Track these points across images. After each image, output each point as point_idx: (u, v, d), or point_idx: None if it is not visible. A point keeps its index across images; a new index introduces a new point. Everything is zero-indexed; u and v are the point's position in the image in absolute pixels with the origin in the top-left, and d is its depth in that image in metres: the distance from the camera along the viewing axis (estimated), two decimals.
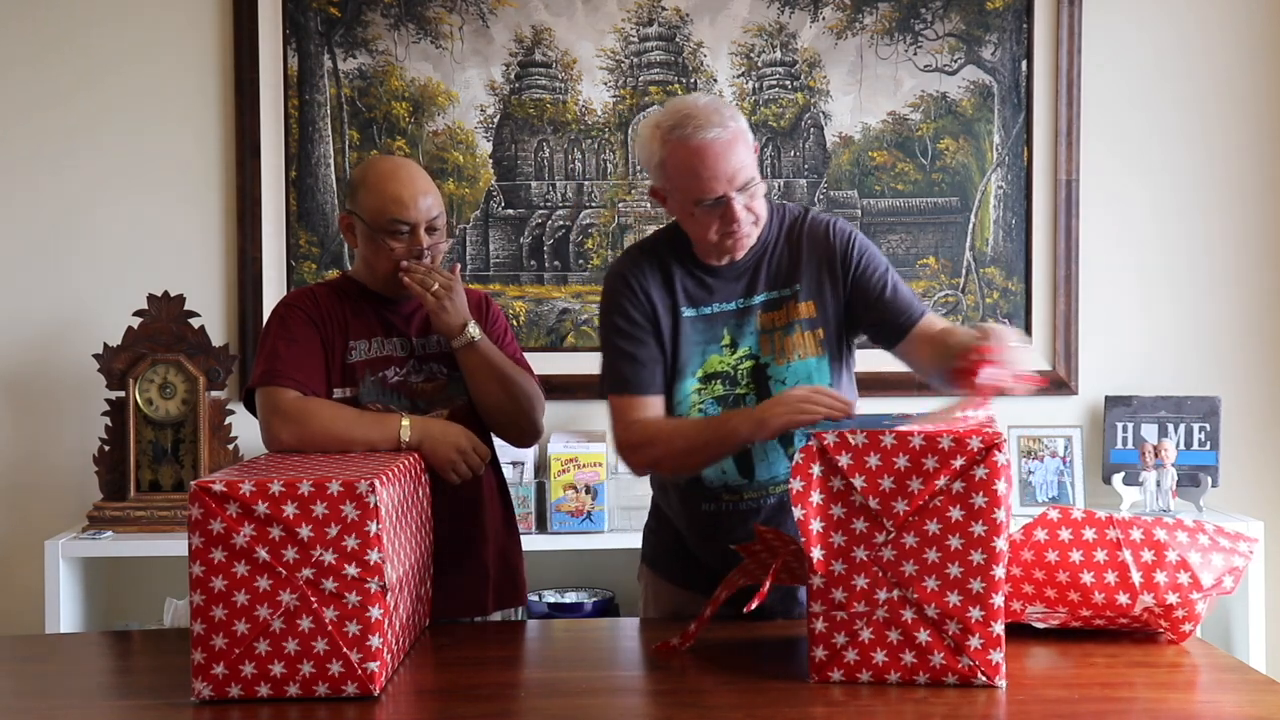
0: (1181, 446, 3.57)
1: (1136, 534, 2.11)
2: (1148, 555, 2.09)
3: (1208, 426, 3.59)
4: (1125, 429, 3.61)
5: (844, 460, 1.91)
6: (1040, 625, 2.13)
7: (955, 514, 1.87)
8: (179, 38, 3.55)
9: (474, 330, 2.45)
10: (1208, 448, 3.59)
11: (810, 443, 1.93)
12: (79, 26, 3.55)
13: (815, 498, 1.92)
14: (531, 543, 3.13)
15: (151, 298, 3.40)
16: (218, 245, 3.59)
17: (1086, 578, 2.09)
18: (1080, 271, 3.65)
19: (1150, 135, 3.68)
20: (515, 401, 2.50)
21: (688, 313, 2.37)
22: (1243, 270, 3.69)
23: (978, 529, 1.87)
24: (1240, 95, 3.68)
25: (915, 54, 3.63)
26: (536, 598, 3.40)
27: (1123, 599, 2.09)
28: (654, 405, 2.35)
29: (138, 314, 3.39)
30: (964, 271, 3.65)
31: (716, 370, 2.35)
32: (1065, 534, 2.12)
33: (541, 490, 3.41)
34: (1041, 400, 3.65)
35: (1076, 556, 2.10)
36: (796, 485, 1.91)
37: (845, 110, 3.62)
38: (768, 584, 2.02)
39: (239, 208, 3.56)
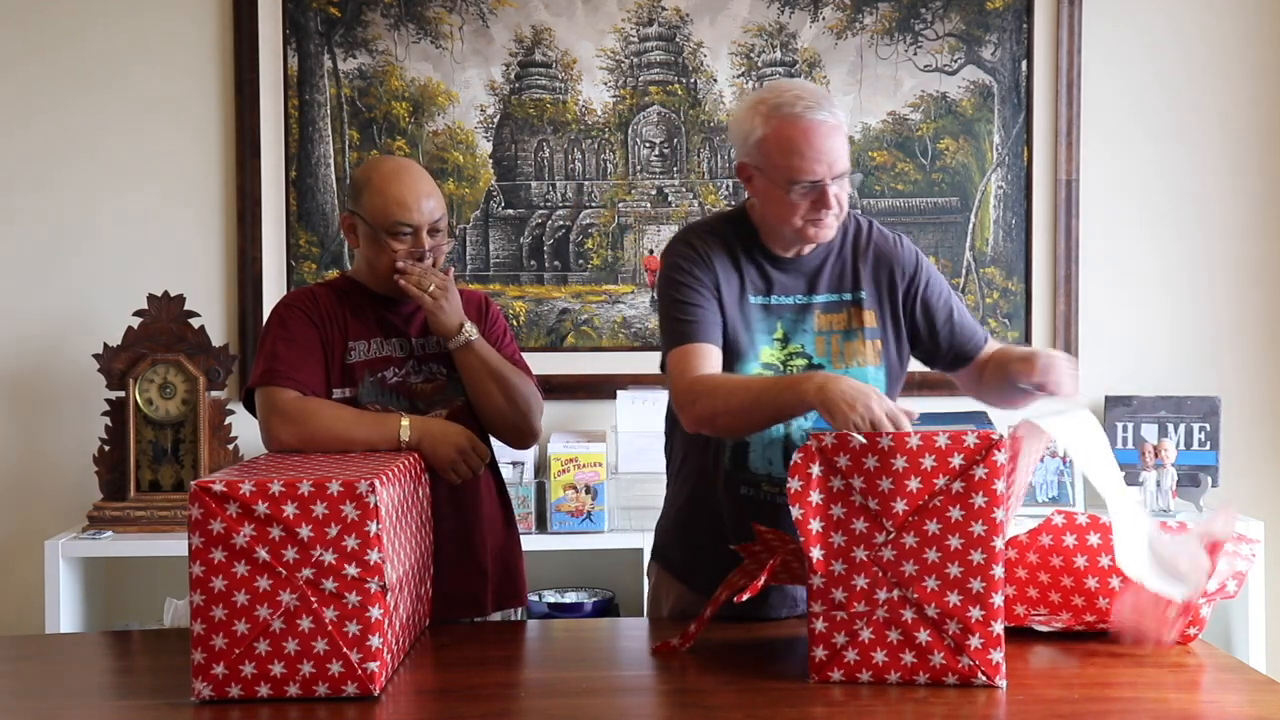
0: (1181, 446, 3.57)
1: None
2: None
3: (1208, 426, 3.59)
4: (1125, 429, 3.61)
5: (842, 461, 1.91)
6: (1043, 629, 2.13)
7: (955, 514, 1.87)
8: (179, 38, 3.55)
9: (470, 330, 2.45)
10: (1208, 448, 3.59)
11: (809, 443, 1.93)
12: (79, 27, 3.55)
13: (814, 497, 1.92)
14: (531, 543, 3.13)
15: (151, 298, 3.40)
16: (218, 245, 3.59)
17: (1091, 583, 2.09)
18: (1080, 271, 3.65)
19: (1150, 135, 3.68)
20: (512, 403, 2.49)
21: (753, 299, 2.34)
22: (1242, 270, 3.69)
23: (977, 528, 1.87)
24: (1240, 95, 3.68)
25: (915, 54, 3.63)
26: (536, 598, 3.40)
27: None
28: (714, 356, 2.28)
29: (138, 314, 3.39)
30: (964, 271, 3.65)
31: (767, 363, 2.32)
32: (1070, 539, 2.12)
33: (541, 490, 3.41)
34: (1041, 400, 3.64)
35: (1081, 562, 2.10)
36: (794, 485, 1.91)
37: (845, 110, 3.60)
38: (763, 578, 2.02)
39: (239, 208, 3.56)
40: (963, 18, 3.62)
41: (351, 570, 1.88)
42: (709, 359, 2.26)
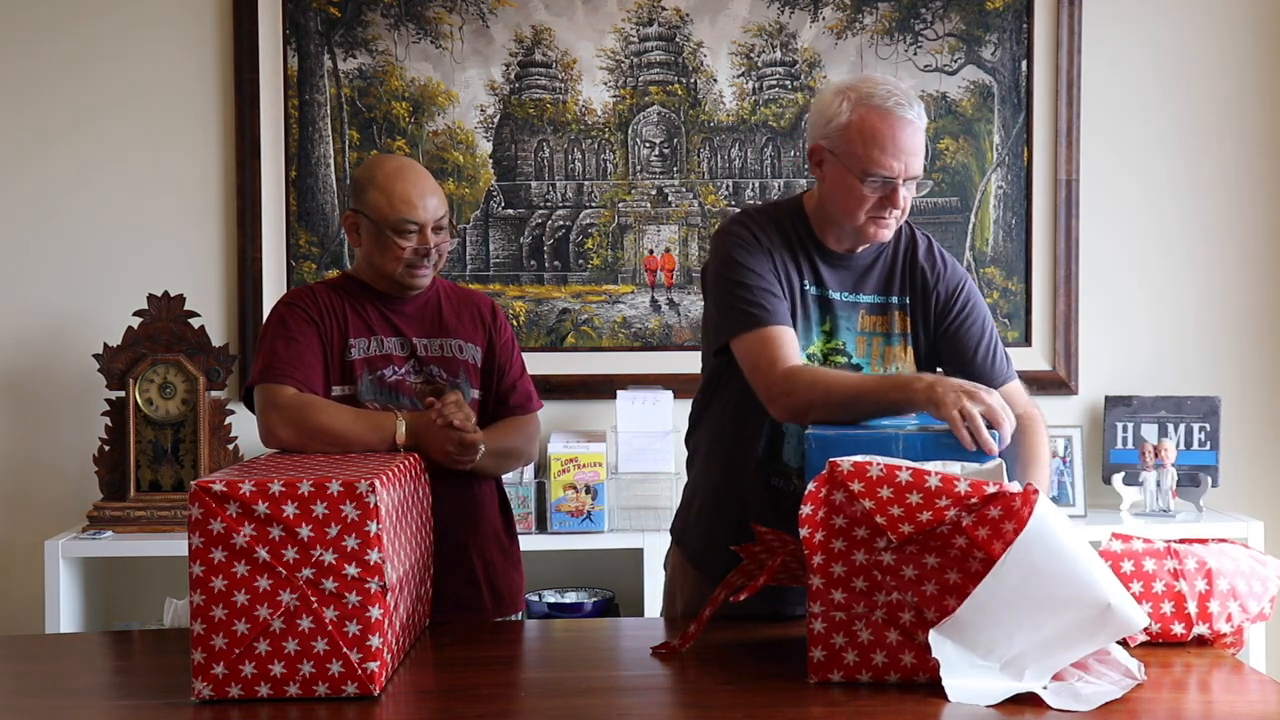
0: (1181, 446, 3.57)
1: (1191, 564, 2.09)
2: (1201, 585, 2.08)
3: (1208, 426, 3.59)
4: (1125, 429, 3.61)
5: (857, 485, 1.90)
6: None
7: (960, 541, 1.86)
8: (179, 38, 3.55)
9: (482, 448, 2.42)
10: (1208, 448, 3.59)
11: (823, 471, 1.91)
12: (78, 27, 3.55)
13: (820, 513, 1.91)
14: (531, 543, 3.14)
15: (151, 298, 3.40)
16: (218, 245, 3.59)
17: (1144, 609, 2.04)
18: (1080, 271, 3.65)
19: (1150, 135, 3.68)
20: (516, 462, 2.64)
21: (809, 288, 2.32)
22: (1243, 270, 3.69)
23: (978, 554, 1.86)
24: (1240, 95, 3.68)
25: (915, 54, 3.63)
26: (536, 598, 3.40)
27: (1178, 629, 2.09)
28: (793, 340, 2.25)
29: (138, 314, 3.39)
30: None
31: (811, 353, 2.32)
32: (1128, 565, 2.08)
33: (541, 490, 3.41)
34: (1042, 400, 3.64)
35: (1136, 588, 2.07)
36: (805, 510, 1.90)
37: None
38: (762, 579, 2.02)
39: (239, 208, 3.56)
40: (963, 18, 3.62)
41: (351, 570, 1.88)
42: (790, 345, 2.23)
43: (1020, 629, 1.85)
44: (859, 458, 1.92)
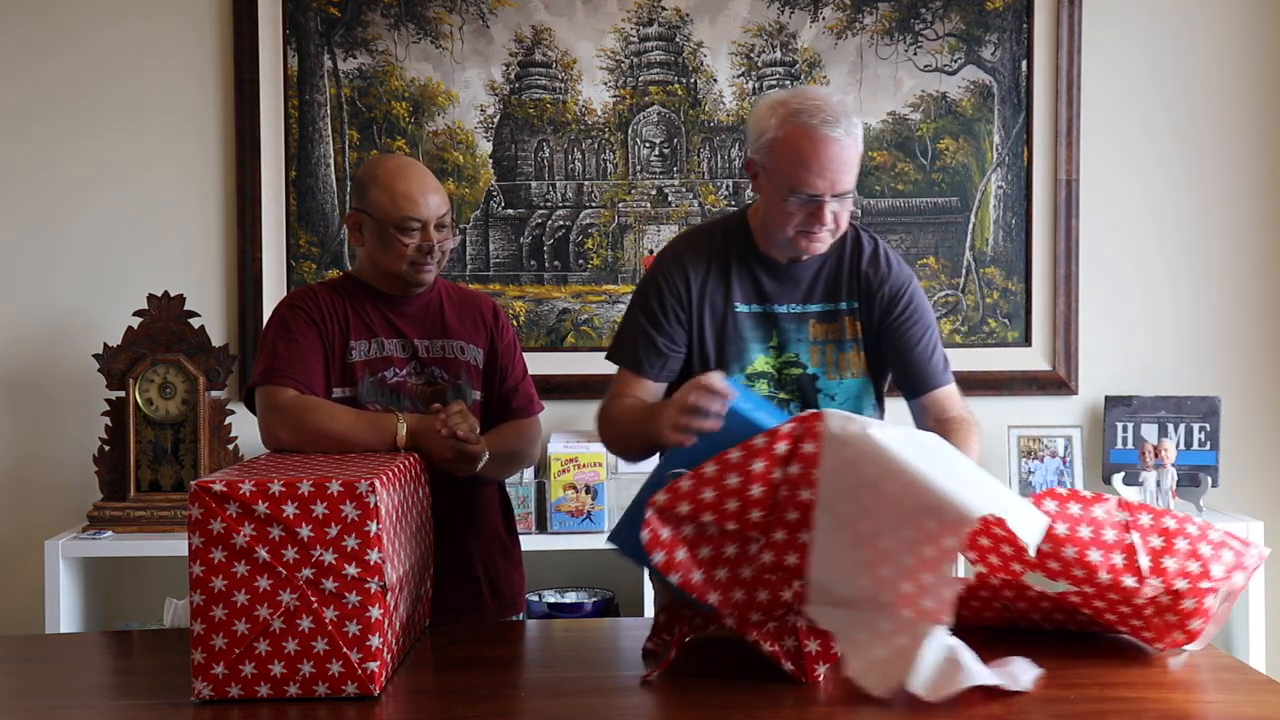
0: (1181, 446, 3.57)
1: (1145, 518, 2.04)
2: (1156, 541, 2.02)
3: (1208, 426, 3.59)
4: (1125, 429, 3.61)
5: (684, 508, 1.91)
6: (1038, 591, 2.06)
7: (804, 495, 1.88)
8: (179, 38, 3.56)
9: (484, 456, 2.42)
10: (1208, 448, 3.59)
11: (649, 514, 1.91)
12: (78, 27, 3.55)
13: (680, 554, 1.92)
14: (531, 543, 3.13)
15: (151, 298, 3.40)
16: (218, 245, 3.59)
17: (1094, 555, 2.00)
18: (1080, 271, 3.65)
19: (1150, 135, 3.68)
20: (516, 467, 2.68)
21: (740, 308, 2.35)
22: (1243, 270, 3.69)
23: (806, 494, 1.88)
24: (1240, 95, 3.68)
25: (915, 54, 3.63)
26: (536, 598, 3.40)
27: (1129, 581, 1.99)
28: (645, 388, 2.36)
29: (138, 314, 3.39)
30: (964, 271, 3.65)
31: (761, 370, 2.34)
32: (1075, 508, 2.04)
33: (541, 490, 3.41)
34: (1041, 400, 3.66)
35: (1085, 532, 2.01)
36: (659, 557, 1.91)
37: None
38: (673, 653, 2.02)
39: (239, 208, 3.56)
40: (963, 18, 3.62)
41: (351, 570, 1.88)
42: (638, 389, 2.36)
43: (879, 562, 1.83)
44: (685, 481, 1.92)
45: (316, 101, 3.58)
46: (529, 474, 3.41)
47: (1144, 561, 2.00)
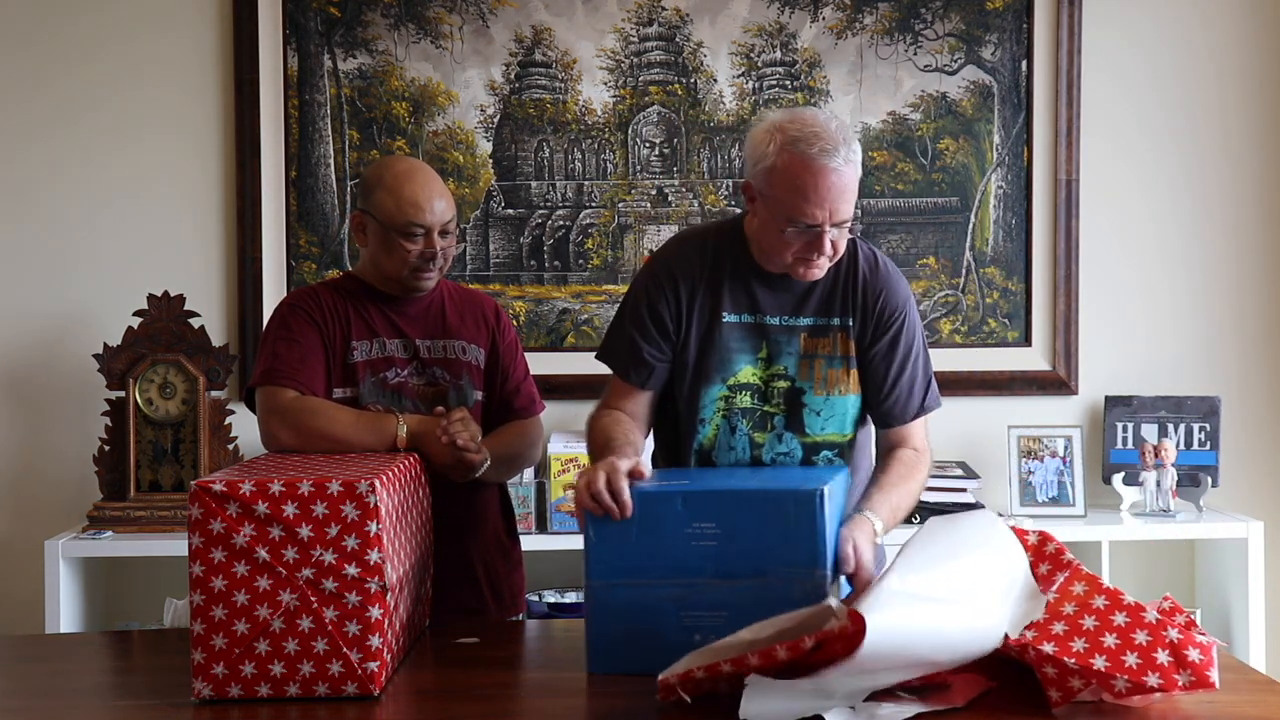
0: (1181, 446, 3.57)
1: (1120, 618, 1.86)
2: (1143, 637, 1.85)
3: (1208, 426, 3.59)
4: (1125, 429, 3.61)
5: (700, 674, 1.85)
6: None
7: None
8: (179, 38, 3.55)
9: (486, 460, 2.42)
10: (1207, 448, 3.59)
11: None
12: (78, 27, 3.54)
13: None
14: (531, 543, 3.13)
15: (151, 298, 3.40)
16: (218, 245, 3.59)
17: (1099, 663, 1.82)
18: (1080, 271, 3.65)
19: (1150, 135, 3.68)
20: (517, 469, 2.70)
21: (729, 318, 2.32)
22: (1243, 270, 3.69)
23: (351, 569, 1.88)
24: (1240, 95, 3.68)
25: (915, 54, 3.63)
26: (536, 598, 3.40)
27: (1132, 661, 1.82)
28: (634, 396, 2.36)
29: (138, 314, 3.39)
30: (964, 271, 3.65)
31: (747, 381, 2.31)
32: (1101, 601, 1.87)
33: (541, 490, 3.41)
34: (1041, 400, 3.65)
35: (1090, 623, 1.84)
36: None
37: (845, 110, 3.61)
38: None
39: (239, 208, 3.56)
40: (963, 18, 3.62)
41: (351, 570, 1.88)
42: (620, 395, 2.38)
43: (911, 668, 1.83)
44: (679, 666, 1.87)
45: (316, 101, 3.58)
46: (529, 474, 3.41)
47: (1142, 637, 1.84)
